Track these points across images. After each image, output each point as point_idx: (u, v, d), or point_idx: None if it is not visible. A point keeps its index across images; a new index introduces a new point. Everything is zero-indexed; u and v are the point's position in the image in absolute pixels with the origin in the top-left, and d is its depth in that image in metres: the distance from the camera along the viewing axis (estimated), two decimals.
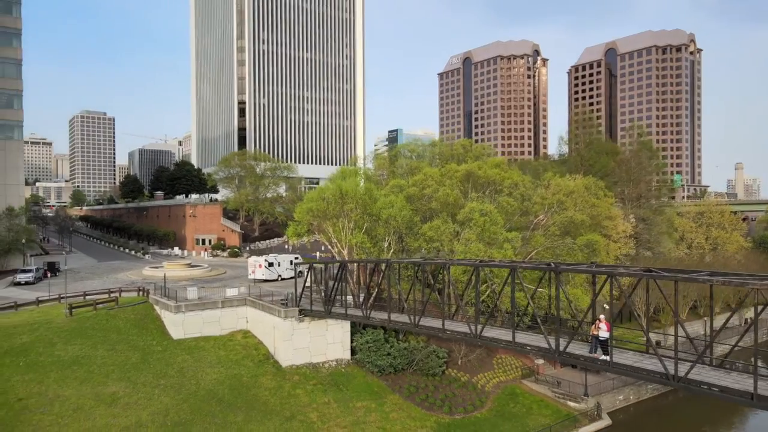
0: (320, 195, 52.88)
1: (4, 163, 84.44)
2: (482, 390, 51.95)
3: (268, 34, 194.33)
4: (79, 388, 39.47)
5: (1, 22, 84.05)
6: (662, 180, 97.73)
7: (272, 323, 49.13)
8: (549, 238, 55.25)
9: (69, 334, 45.72)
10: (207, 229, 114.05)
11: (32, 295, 62.01)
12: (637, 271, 26.43)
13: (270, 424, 40.26)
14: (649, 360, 25.05)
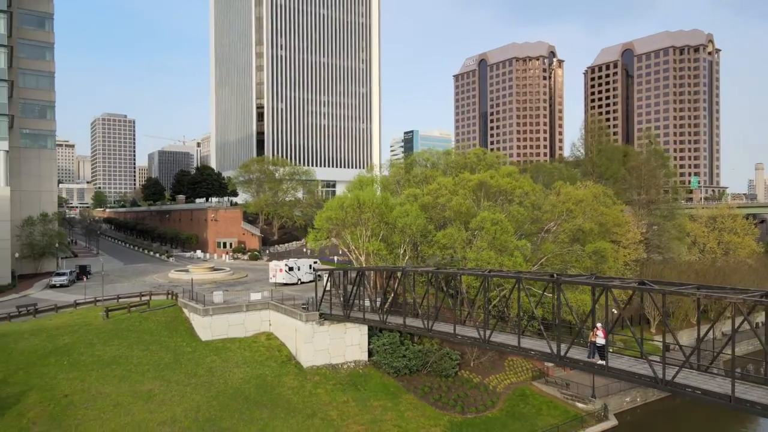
0: (339, 204, 55.74)
1: (39, 171, 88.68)
2: (494, 391, 54.34)
3: (286, 39, 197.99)
4: (118, 386, 42.80)
5: (35, 37, 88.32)
6: (673, 186, 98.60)
7: (294, 326, 52.11)
8: (558, 246, 57.46)
9: (107, 336, 49.19)
10: (228, 233, 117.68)
11: (68, 297, 65.97)
12: (631, 284, 28.66)
13: (293, 421, 43.17)
14: (642, 365, 27.32)
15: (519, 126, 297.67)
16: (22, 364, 43.41)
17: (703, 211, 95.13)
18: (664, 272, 71.78)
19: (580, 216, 58.33)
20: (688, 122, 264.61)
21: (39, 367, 43.53)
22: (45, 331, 48.44)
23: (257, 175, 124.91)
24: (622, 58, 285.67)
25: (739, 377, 25.26)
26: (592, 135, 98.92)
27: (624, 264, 68.38)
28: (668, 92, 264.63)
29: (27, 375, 42.37)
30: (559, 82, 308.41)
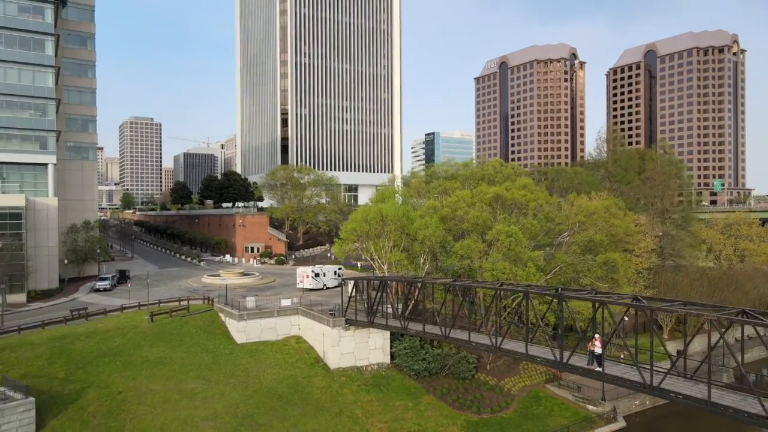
0: (363, 217, 59.76)
1: (81, 182, 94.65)
2: (508, 393, 57.74)
3: (309, 47, 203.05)
4: (165, 384, 47.47)
5: (78, 56, 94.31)
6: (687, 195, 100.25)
7: (322, 331, 56.30)
8: (570, 256, 60.57)
9: (152, 338, 54.03)
10: (255, 238, 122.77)
11: (112, 301, 71.45)
12: (626, 300, 31.99)
13: (322, 418, 47.31)
14: (635, 372, 30.62)
15: (540, 128, 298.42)
16: (80, 364, 48.38)
17: (719, 217, 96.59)
18: (677, 280, 74.16)
19: (591, 228, 61.34)
20: (712, 123, 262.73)
21: (95, 366, 48.45)
22: (98, 334, 53.46)
23: (282, 182, 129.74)
24: (645, 59, 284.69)
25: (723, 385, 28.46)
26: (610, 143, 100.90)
27: (636, 272, 71.04)
28: (692, 93, 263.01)
29: (85, 373, 47.30)
30: (581, 83, 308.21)
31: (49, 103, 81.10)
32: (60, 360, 48.37)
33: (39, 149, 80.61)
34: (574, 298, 33.27)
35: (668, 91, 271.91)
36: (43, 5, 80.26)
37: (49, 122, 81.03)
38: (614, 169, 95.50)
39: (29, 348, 49.29)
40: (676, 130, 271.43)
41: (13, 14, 78.43)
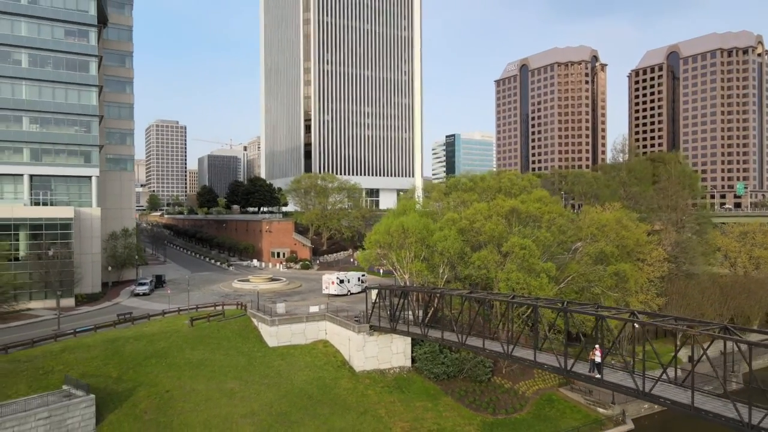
0: (386, 229, 63.90)
1: (120, 191, 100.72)
2: (523, 395, 61.32)
3: (332, 55, 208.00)
4: (206, 384, 52.27)
5: (118, 73, 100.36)
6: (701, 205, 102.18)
7: (347, 336, 60.61)
8: (582, 266, 63.83)
9: (193, 342, 58.97)
10: (281, 243, 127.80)
11: (151, 305, 76.87)
12: (624, 315, 35.48)
13: (349, 417, 51.59)
14: (632, 379, 34.11)
15: (561, 131, 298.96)
16: (131, 364, 53.46)
17: (734, 222, 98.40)
18: (688, 288, 76.71)
19: (602, 240, 64.49)
20: (736, 125, 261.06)
21: (144, 367, 53.49)
22: (145, 337, 58.60)
23: (306, 189, 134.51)
24: (668, 61, 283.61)
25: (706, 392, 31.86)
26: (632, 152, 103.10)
27: (649, 281, 73.81)
28: (716, 95, 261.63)
29: (136, 373, 52.35)
30: (602, 85, 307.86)
31: (93, 120, 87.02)
32: (113, 361, 53.55)
33: (84, 163, 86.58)
34: (578, 312, 36.85)
35: (691, 93, 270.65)
36: (88, 29, 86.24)
37: (93, 138, 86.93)
38: (628, 178, 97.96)
39: (85, 350, 54.59)
40: (699, 132, 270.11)
41: (61, 38, 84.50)
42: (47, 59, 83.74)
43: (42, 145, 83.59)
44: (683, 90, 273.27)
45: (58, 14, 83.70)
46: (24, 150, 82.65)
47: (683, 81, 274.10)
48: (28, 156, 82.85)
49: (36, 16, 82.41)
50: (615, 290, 64.03)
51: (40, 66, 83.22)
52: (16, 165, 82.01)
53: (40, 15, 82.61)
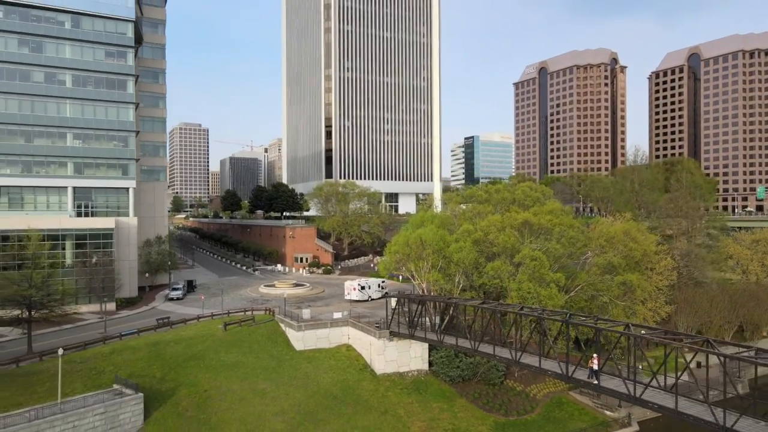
0: (405, 241, 68.20)
1: (153, 200, 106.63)
2: (534, 398, 65.06)
3: (352, 62, 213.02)
4: (240, 384, 57.18)
5: (151, 89, 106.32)
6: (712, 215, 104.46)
7: (369, 341, 65.07)
8: (591, 276, 67.30)
9: (227, 345, 64.01)
10: (304, 248, 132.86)
11: (185, 309, 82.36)
12: (619, 327, 39.21)
13: (370, 416, 56.02)
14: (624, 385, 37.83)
15: (580, 133, 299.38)
16: (172, 366, 58.64)
17: (746, 234, 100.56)
18: (696, 297, 79.49)
19: (610, 251, 67.86)
20: (758, 127, 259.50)
21: (184, 368, 58.62)
22: (183, 341, 63.82)
23: (326, 196, 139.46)
24: (689, 62, 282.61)
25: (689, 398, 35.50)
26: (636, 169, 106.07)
27: (657, 289, 76.87)
28: (737, 97, 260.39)
29: (176, 374, 57.49)
30: (621, 87, 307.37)
31: (131, 135, 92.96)
32: (156, 362, 58.80)
33: (122, 175, 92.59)
34: (578, 324, 40.62)
35: (712, 95, 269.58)
36: (126, 50, 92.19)
37: (131, 152, 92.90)
38: (640, 188, 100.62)
39: (131, 352, 59.98)
40: (720, 135, 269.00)
41: (101, 59, 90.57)
42: (89, 79, 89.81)
43: (84, 159, 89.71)
44: (704, 92, 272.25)
45: (99, 37, 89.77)
46: (68, 164, 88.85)
47: (704, 83, 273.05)
48: (71, 169, 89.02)
49: (79, 39, 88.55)
50: (623, 299, 67.32)
51: (82, 85, 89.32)
52: (61, 178, 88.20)
53: (83, 38, 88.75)
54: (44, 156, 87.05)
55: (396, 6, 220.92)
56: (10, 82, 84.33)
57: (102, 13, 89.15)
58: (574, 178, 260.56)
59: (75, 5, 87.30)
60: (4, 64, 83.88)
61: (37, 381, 52.14)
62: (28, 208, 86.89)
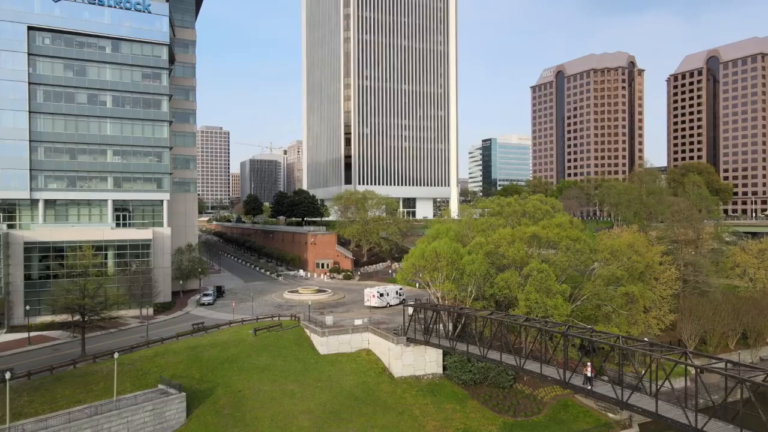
0: (421, 253, 73.36)
1: (185, 210, 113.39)
2: (541, 400, 69.73)
3: (371, 70, 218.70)
4: (271, 385, 62.95)
5: (183, 106, 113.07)
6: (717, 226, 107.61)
7: (387, 346, 70.42)
8: (596, 286, 71.65)
9: (258, 349, 69.90)
10: (325, 254, 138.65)
11: (216, 315, 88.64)
12: (611, 339, 43.91)
13: (389, 416, 61.35)
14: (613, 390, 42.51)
15: (597, 136, 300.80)
16: (209, 368, 64.67)
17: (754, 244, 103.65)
18: (699, 305, 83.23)
19: (614, 264, 72.18)
20: None
21: (219, 370, 64.60)
22: (218, 345, 69.89)
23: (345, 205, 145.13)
24: (707, 65, 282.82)
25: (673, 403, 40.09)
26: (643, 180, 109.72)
27: (661, 298, 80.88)
28: (756, 100, 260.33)
29: (214, 375, 63.48)
30: (639, 90, 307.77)
31: (165, 151, 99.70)
32: (195, 365, 64.88)
33: (157, 188, 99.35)
34: (574, 336, 45.37)
35: (731, 98, 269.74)
36: (161, 71, 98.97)
37: (165, 166, 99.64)
38: (648, 200, 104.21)
39: (173, 355, 66.18)
40: (739, 137, 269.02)
41: (139, 80, 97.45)
42: (127, 99, 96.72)
43: (123, 174, 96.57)
44: (723, 95, 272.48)
45: (136, 60, 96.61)
46: (108, 178, 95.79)
47: (723, 85, 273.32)
48: (111, 183, 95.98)
49: (118, 62, 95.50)
50: (626, 308, 71.61)
51: (121, 105, 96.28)
52: (102, 192, 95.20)
53: (122, 62, 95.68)
54: (87, 171, 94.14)
55: (413, 15, 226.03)
56: (57, 104, 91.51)
57: (140, 38, 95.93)
58: (591, 182, 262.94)
59: (115, 31, 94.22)
60: (52, 87, 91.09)
61: (92, 380, 58.48)
62: (72, 219, 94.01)
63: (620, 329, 68.61)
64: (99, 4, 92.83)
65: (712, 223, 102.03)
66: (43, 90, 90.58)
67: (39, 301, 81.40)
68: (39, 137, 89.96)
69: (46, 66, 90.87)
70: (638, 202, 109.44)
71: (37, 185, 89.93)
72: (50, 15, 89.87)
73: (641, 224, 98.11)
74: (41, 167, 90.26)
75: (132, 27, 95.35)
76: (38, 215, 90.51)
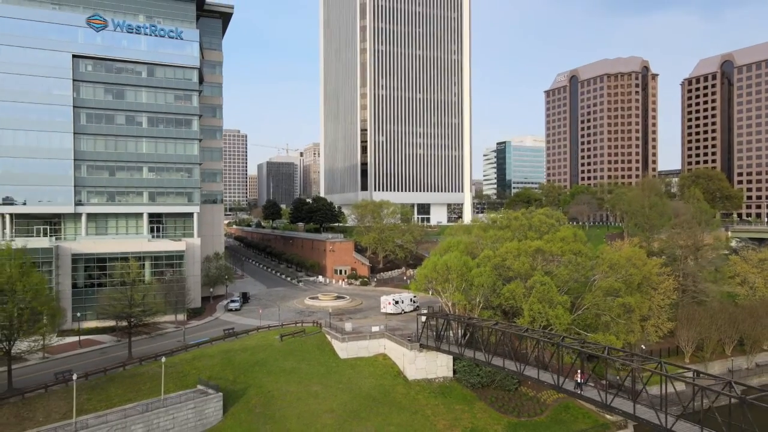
0: (433, 266, 79.63)
1: (212, 221, 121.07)
2: (544, 402, 75.62)
3: (386, 80, 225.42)
4: (297, 387, 69.78)
5: (210, 123, 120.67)
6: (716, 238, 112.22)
7: (402, 351, 76.88)
8: (596, 297, 77.28)
9: (284, 354, 76.84)
10: (343, 261, 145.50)
11: (243, 320, 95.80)
12: (598, 350, 49.86)
13: (403, 415, 67.79)
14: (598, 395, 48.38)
15: (611, 140, 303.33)
16: (241, 370, 71.72)
17: (754, 254, 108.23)
18: (697, 314, 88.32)
19: (612, 276, 77.76)
20: None
21: (250, 373, 71.60)
22: (249, 349, 76.97)
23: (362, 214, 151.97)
24: (722, 69, 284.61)
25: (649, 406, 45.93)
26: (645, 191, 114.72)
27: (659, 307, 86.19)
28: None
29: (245, 377, 70.51)
30: (653, 95, 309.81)
31: (195, 167, 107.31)
32: (228, 368, 71.99)
33: (187, 202, 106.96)
34: (566, 346, 51.39)
35: (745, 102, 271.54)
36: (192, 93, 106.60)
37: (195, 181, 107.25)
38: (650, 213, 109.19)
39: (209, 358, 73.39)
40: (753, 141, 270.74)
41: (172, 102, 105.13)
42: (161, 119, 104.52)
43: (157, 189, 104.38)
44: (737, 99, 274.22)
45: (170, 83, 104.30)
46: (144, 193, 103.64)
47: (737, 89, 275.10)
48: (146, 198, 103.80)
49: (153, 86, 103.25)
50: (624, 318, 77.12)
51: (155, 125, 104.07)
52: (138, 205, 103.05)
53: (156, 85, 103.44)
54: (125, 187, 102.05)
55: (428, 26, 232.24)
56: (98, 125, 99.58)
57: (172, 63, 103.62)
58: (604, 187, 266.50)
59: (150, 57, 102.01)
60: (94, 110, 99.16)
61: (140, 381, 65.83)
62: (111, 231, 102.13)
63: (618, 337, 74.14)
64: (136, 33, 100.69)
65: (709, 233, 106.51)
66: (86, 113, 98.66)
67: (84, 308, 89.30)
68: (82, 156, 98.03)
69: (89, 90, 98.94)
70: (641, 214, 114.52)
71: (80, 200, 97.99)
72: (92, 44, 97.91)
73: (644, 236, 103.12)
74: (84, 184, 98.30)
75: (166, 53, 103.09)
76: (81, 227, 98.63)
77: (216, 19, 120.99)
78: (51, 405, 58.42)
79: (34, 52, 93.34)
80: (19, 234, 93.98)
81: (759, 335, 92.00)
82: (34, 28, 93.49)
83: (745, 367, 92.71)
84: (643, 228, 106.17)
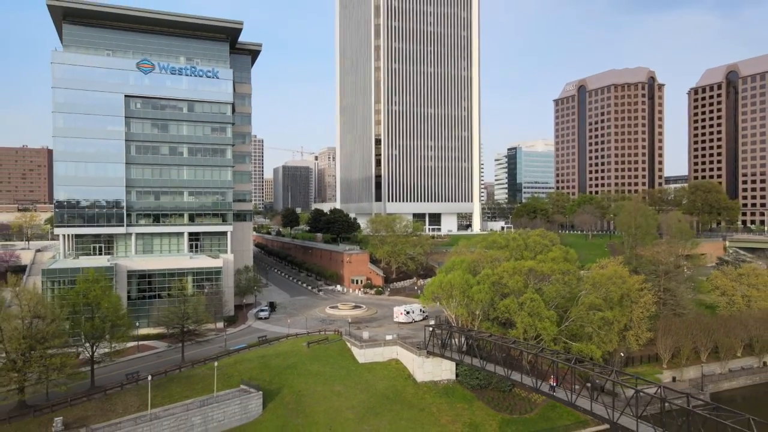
0: (438, 284, 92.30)
1: (242, 237, 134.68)
2: (534, 402, 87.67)
3: (399, 96, 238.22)
4: (323, 387, 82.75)
5: (240, 149, 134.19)
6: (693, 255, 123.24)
7: (411, 357, 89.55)
8: (580, 311, 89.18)
9: (311, 359, 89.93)
10: (359, 271, 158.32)
11: (273, 328, 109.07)
12: (570, 361, 62.02)
13: (412, 412, 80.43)
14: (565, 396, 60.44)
15: (618, 149, 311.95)
16: (276, 373, 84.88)
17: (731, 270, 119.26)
18: (674, 325, 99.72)
19: (593, 294, 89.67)
20: None
21: (283, 375, 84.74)
22: (281, 355, 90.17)
23: (376, 228, 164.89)
24: (727, 79, 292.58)
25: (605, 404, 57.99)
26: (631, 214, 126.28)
27: (639, 319, 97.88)
28: None
29: (279, 379, 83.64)
30: (659, 105, 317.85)
31: (229, 191, 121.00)
32: (265, 371, 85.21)
33: (222, 222, 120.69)
34: (543, 356, 63.58)
35: (750, 112, 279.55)
36: (226, 125, 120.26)
37: (229, 204, 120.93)
38: (637, 232, 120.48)
39: (248, 362, 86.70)
40: (758, 150, 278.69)
41: (208, 134, 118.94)
42: (199, 149, 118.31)
43: (196, 211, 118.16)
44: (742, 108, 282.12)
45: (207, 117, 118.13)
46: (185, 215, 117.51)
47: (742, 99, 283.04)
48: (186, 219, 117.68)
49: (193, 120, 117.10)
50: (604, 329, 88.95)
51: (194, 155, 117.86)
52: (179, 226, 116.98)
53: (195, 119, 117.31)
54: (168, 210, 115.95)
55: (439, 44, 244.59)
56: (146, 155, 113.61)
57: (209, 99, 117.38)
58: (609, 197, 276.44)
59: (190, 95, 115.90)
60: (142, 143, 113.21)
61: (194, 381, 79.28)
62: (156, 249, 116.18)
63: (599, 347, 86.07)
64: (178, 74, 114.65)
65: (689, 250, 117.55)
66: (135, 145, 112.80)
67: (138, 317, 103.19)
68: (132, 183, 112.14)
69: (138, 125, 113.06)
70: (628, 234, 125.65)
71: (130, 222, 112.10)
72: (141, 85, 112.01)
73: (632, 253, 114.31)
74: (134, 207, 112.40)
75: (204, 90, 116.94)
76: (131, 246, 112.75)
77: (245, 56, 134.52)
78: (127, 400, 72.01)
79: (94, 94, 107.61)
80: (78, 252, 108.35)
81: (732, 344, 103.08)
82: (93, 73, 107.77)
83: (719, 372, 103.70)
84: (631, 246, 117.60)
